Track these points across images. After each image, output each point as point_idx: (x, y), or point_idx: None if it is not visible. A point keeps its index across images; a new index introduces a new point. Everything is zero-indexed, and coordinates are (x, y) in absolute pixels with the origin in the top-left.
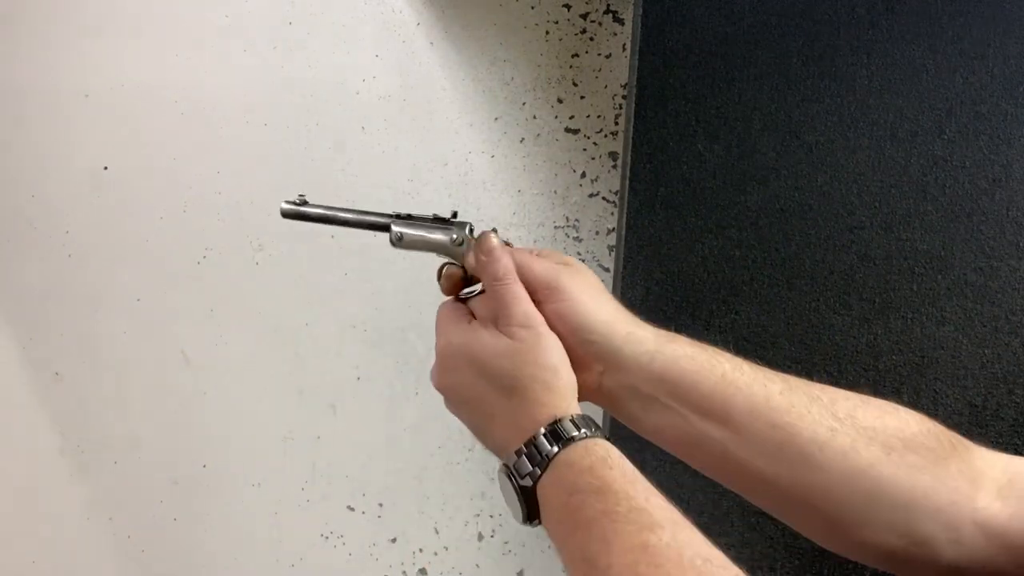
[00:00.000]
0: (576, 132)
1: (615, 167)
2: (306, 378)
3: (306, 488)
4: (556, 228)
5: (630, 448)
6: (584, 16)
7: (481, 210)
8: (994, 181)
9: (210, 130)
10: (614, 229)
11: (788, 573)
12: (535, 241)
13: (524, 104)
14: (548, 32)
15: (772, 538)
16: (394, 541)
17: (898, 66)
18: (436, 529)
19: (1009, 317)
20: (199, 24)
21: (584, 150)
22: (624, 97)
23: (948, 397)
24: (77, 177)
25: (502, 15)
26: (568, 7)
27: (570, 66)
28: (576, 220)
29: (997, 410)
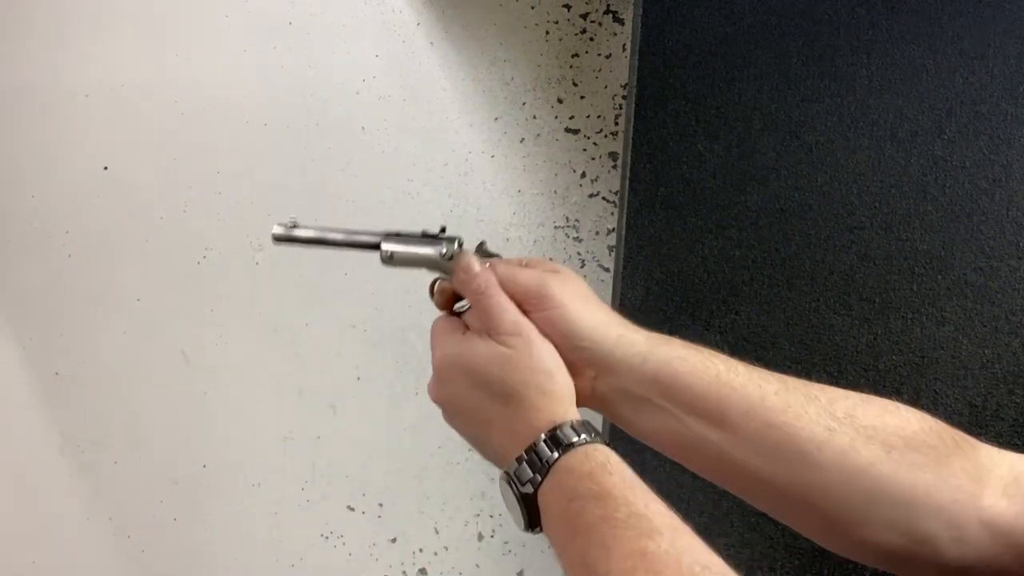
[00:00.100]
0: (576, 132)
1: (615, 167)
2: (306, 378)
3: (306, 488)
4: (556, 228)
5: (629, 449)
6: (584, 16)
7: (481, 210)
8: (994, 181)
9: (210, 130)
10: (614, 229)
11: (788, 573)
12: (535, 241)
13: (524, 104)
14: (548, 32)
15: (772, 538)
16: (394, 541)
17: (898, 66)
18: (436, 529)
19: (1009, 317)
20: (199, 24)
21: (584, 150)
22: (624, 97)
23: (948, 397)
24: (77, 177)
25: (502, 15)
26: (568, 7)
27: (570, 66)
28: (576, 220)
29: (997, 410)
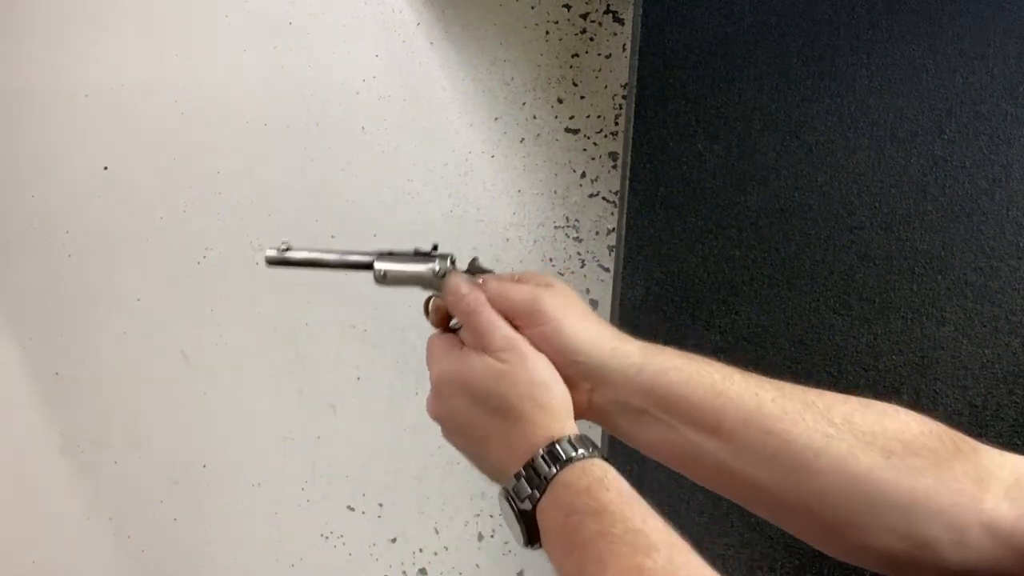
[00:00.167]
0: (576, 132)
1: (615, 167)
2: (306, 378)
3: (306, 488)
4: (556, 228)
5: (628, 456)
6: (584, 16)
7: (481, 210)
8: (994, 181)
9: (210, 130)
10: (614, 229)
11: (788, 573)
12: (535, 241)
13: (524, 104)
14: (548, 32)
15: (772, 538)
16: (394, 541)
17: (898, 66)
18: (436, 529)
19: (1009, 317)
20: (199, 24)
21: (584, 150)
22: (624, 97)
23: (948, 397)
24: (77, 177)
25: (502, 15)
26: (568, 7)
27: (570, 66)
28: (576, 220)
29: (997, 410)
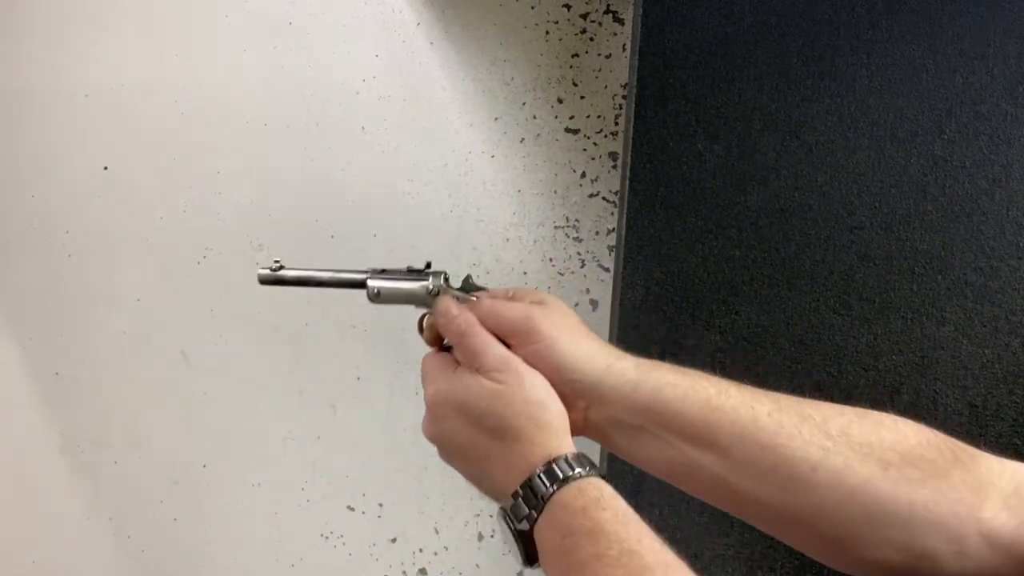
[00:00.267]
0: (576, 132)
1: (615, 167)
2: (306, 378)
3: (306, 488)
4: (556, 228)
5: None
6: (584, 16)
7: (481, 210)
8: (994, 181)
9: (210, 130)
10: (614, 229)
11: (788, 573)
12: (535, 241)
13: (524, 104)
14: (548, 32)
15: (772, 538)
16: (394, 541)
17: (898, 66)
18: (436, 529)
19: (1009, 317)
20: (199, 24)
21: (584, 150)
22: (624, 97)
23: (948, 397)
24: (77, 177)
25: (502, 15)
26: (568, 7)
27: (570, 66)
28: (576, 220)
29: (997, 410)
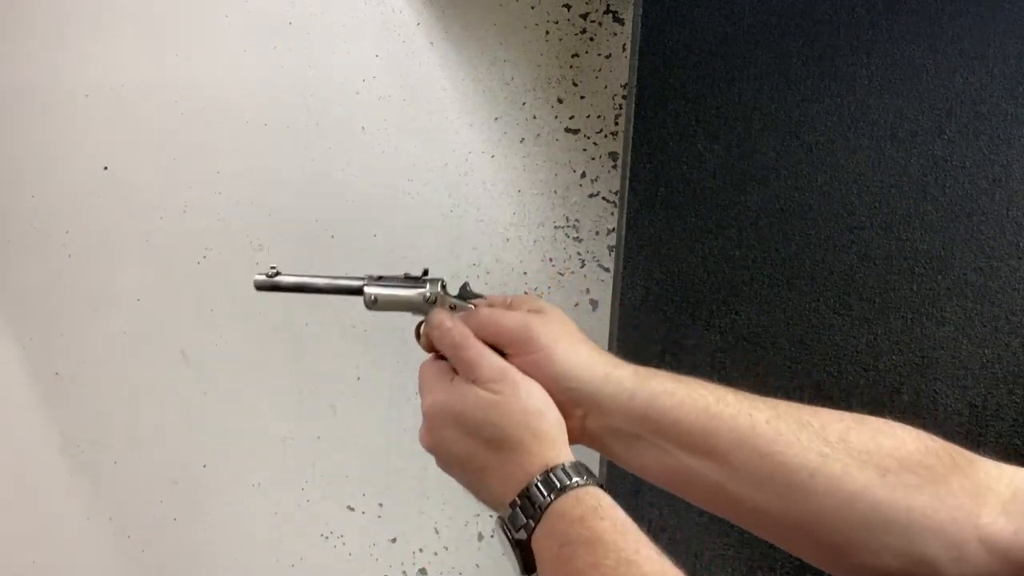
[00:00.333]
0: (576, 132)
1: (615, 167)
2: (306, 378)
3: (306, 488)
4: (556, 228)
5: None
6: (584, 16)
7: (481, 210)
8: (994, 181)
9: (210, 130)
10: (614, 229)
11: (788, 573)
12: (535, 241)
13: (524, 104)
14: (548, 32)
15: None
16: (394, 541)
17: (898, 66)
18: (436, 529)
19: (1009, 317)
20: (199, 24)
21: (584, 150)
22: (624, 97)
23: (948, 397)
24: (77, 177)
25: (502, 15)
26: (568, 7)
27: (570, 66)
28: (576, 220)
29: (997, 410)
